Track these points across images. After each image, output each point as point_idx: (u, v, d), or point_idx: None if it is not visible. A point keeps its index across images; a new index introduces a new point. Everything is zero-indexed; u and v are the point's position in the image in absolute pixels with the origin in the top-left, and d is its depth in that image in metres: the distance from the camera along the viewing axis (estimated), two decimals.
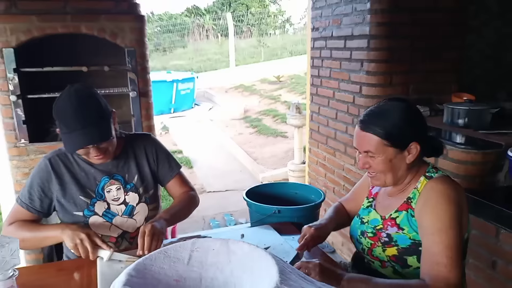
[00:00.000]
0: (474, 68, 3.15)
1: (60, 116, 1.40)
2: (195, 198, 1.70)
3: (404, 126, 1.20)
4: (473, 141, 2.02)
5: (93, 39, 2.49)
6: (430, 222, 1.13)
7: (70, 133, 1.38)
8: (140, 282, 0.93)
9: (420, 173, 1.25)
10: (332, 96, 3.00)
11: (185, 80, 9.54)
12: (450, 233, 1.10)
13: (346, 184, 2.92)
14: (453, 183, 1.20)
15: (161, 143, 1.74)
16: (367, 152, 1.23)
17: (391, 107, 1.23)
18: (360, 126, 1.23)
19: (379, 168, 1.22)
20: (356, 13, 2.60)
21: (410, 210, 1.22)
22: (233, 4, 23.52)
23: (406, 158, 1.21)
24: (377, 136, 1.19)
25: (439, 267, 1.07)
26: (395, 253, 1.23)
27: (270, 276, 0.89)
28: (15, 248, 0.86)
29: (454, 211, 1.12)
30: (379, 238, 1.27)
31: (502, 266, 1.72)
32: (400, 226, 1.23)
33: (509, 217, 1.68)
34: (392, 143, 1.19)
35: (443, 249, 1.08)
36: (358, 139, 1.24)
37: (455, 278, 1.07)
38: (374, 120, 1.21)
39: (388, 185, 1.27)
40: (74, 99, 1.39)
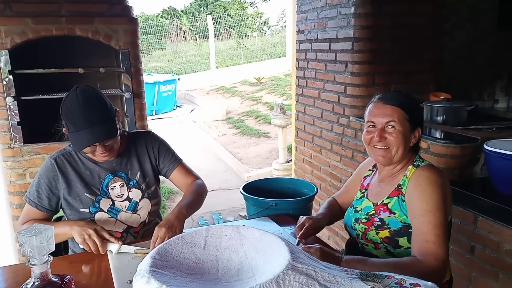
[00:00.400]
0: (448, 68, 3.34)
1: (68, 116, 1.46)
2: (203, 186, 1.75)
3: (418, 108, 1.39)
4: (451, 136, 2.18)
5: (84, 41, 2.54)
6: (420, 205, 1.26)
7: (77, 131, 1.44)
8: (164, 264, 1.01)
9: (409, 163, 1.39)
10: (317, 96, 3.13)
11: (167, 82, 9.54)
12: (437, 214, 1.23)
13: (333, 180, 3.05)
14: (438, 171, 1.35)
15: (162, 139, 1.80)
16: (388, 123, 1.33)
17: (405, 93, 1.40)
18: (383, 101, 1.35)
19: (395, 139, 1.32)
20: (340, 17, 2.74)
21: (401, 195, 1.35)
22: (211, 6, 23.53)
23: (411, 140, 1.36)
24: (400, 108, 1.32)
25: (429, 244, 1.20)
26: (387, 235, 1.35)
27: (282, 255, 0.99)
28: (51, 235, 0.92)
29: (440, 195, 1.26)
30: (372, 223, 1.39)
31: (480, 251, 1.87)
32: (392, 211, 1.36)
33: (486, 205, 1.83)
34: (410, 118, 1.33)
35: (432, 228, 1.21)
36: (380, 111, 1.34)
37: (443, 253, 1.20)
38: (395, 97, 1.36)
39: (393, 161, 1.37)
40: (81, 99, 1.45)
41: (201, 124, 8.24)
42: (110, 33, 2.49)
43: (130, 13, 2.59)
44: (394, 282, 0.99)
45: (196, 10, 23.27)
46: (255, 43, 17.45)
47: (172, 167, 1.75)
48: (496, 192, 1.88)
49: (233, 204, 4.39)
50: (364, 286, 0.96)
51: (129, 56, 2.56)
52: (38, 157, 2.49)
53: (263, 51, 15.87)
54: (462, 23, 3.34)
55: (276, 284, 0.89)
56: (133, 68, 2.60)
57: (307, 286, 0.91)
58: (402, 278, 1.00)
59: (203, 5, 23.83)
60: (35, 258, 0.91)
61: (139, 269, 0.98)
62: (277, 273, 0.91)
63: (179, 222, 1.47)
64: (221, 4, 23.61)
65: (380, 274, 1.02)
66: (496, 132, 2.15)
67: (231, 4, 23.68)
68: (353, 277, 0.99)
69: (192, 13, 22.43)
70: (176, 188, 4.76)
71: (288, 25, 10.84)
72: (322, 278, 0.94)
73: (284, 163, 4.83)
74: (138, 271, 0.97)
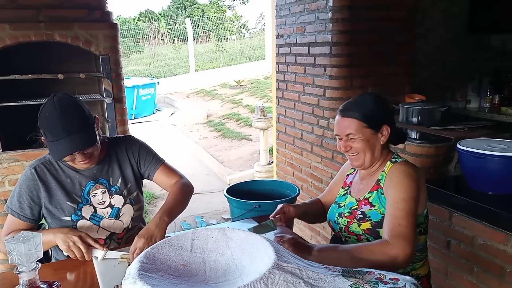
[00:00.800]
0: (423, 71, 3.46)
1: (46, 125, 1.44)
2: (187, 185, 1.74)
3: (377, 110, 1.43)
4: (426, 136, 2.27)
5: (61, 46, 2.52)
6: (395, 193, 1.34)
7: (56, 141, 1.42)
8: (152, 267, 1.03)
9: (387, 159, 1.47)
10: (297, 99, 3.19)
11: (146, 85, 9.47)
12: (411, 204, 1.31)
13: (314, 181, 3.11)
14: (413, 165, 1.44)
15: (142, 141, 1.78)
16: (348, 135, 1.42)
17: (365, 97, 1.49)
18: (341, 114, 1.45)
19: (359, 147, 1.42)
20: (318, 22, 2.80)
21: (380, 189, 1.43)
22: (189, 9, 23.46)
23: (380, 139, 1.43)
24: (356, 119, 1.40)
25: (401, 228, 1.26)
26: (369, 227, 1.42)
27: (268, 255, 1.03)
28: (39, 242, 0.93)
29: (414, 187, 1.34)
30: (354, 216, 1.46)
31: (455, 246, 1.95)
32: (372, 204, 1.44)
33: (460, 202, 1.92)
34: (368, 124, 1.41)
35: (405, 214, 1.28)
36: (340, 125, 1.45)
37: (412, 238, 1.25)
38: (352, 107, 1.43)
39: (366, 165, 1.46)
40: (58, 108, 1.43)
41: (181, 128, 8.22)
42: (90, 39, 2.48)
43: (110, 18, 2.59)
44: (375, 278, 1.03)
45: (174, 13, 23.14)
46: (234, 46, 17.48)
47: (154, 168, 1.73)
48: (469, 189, 1.97)
49: (216, 207, 4.40)
50: (346, 282, 1.00)
51: (109, 61, 2.55)
52: (17, 165, 2.45)
53: (243, 54, 15.92)
54: (435, 27, 3.47)
55: (263, 283, 0.92)
56: (114, 73, 2.59)
57: (293, 284, 0.95)
58: (382, 274, 1.05)
59: (181, 8, 23.73)
60: (23, 265, 0.92)
61: (127, 273, 1.00)
62: (263, 272, 0.94)
63: (160, 231, 1.47)
64: (199, 7, 23.56)
65: (361, 270, 1.07)
66: (468, 132, 2.25)
67: (209, 7, 23.66)
68: (335, 274, 1.03)
69: (170, 16, 22.31)
70: (157, 192, 4.75)
71: (267, 28, 10.93)
72: (306, 276, 0.98)
73: (266, 165, 4.88)
74: (126, 275, 0.99)
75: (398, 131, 1.52)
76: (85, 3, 2.48)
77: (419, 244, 1.46)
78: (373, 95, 1.49)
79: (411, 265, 1.46)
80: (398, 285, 0.99)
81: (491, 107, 3.74)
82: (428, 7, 3.37)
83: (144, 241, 1.41)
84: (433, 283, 1.96)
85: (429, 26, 3.43)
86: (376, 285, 1.00)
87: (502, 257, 1.73)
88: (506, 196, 1.87)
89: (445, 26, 3.53)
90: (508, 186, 1.87)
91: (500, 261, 1.74)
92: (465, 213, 1.87)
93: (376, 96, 1.48)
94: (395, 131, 1.47)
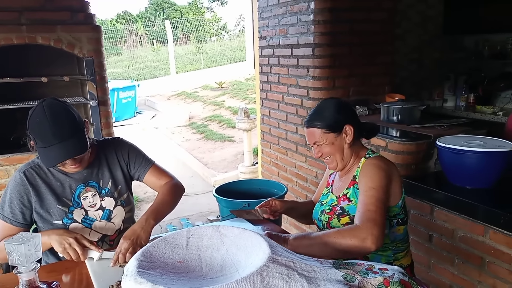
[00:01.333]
0: (402, 71, 3.57)
1: (36, 132, 1.42)
2: (177, 185, 1.75)
3: (335, 114, 1.53)
4: (407, 134, 2.35)
5: (43, 49, 2.49)
6: (365, 182, 1.43)
7: (47, 147, 1.41)
8: (149, 265, 1.05)
9: (361, 156, 1.56)
10: (281, 100, 3.24)
11: (126, 88, 9.36)
12: (380, 192, 1.39)
13: (299, 180, 3.16)
14: (385, 159, 1.53)
15: (131, 143, 1.79)
16: (315, 143, 1.55)
17: (323, 104, 1.59)
18: (306, 125, 1.58)
19: (327, 151, 1.54)
20: (301, 24, 2.86)
21: (356, 184, 1.52)
22: (167, 11, 23.31)
23: (345, 139, 1.53)
24: (317, 128, 1.52)
25: (370, 213, 1.32)
26: (348, 221, 1.49)
27: (262, 250, 1.06)
28: (38, 242, 0.94)
29: (384, 177, 1.43)
30: (334, 212, 1.54)
31: (437, 239, 2.03)
32: (350, 199, 1.52)
33: (440, 197, 2.00)
34: (329, 130, 1.51)
35: (375, 201, 1.36)
36: (307, 135, 1.59)
37: (381, 222, 1.31)
38: (313, 118, 1.55)
39: (340, 166, 1.56)
40: (48, 114, 1.41)
41: (163, 130, 8.17)
42: (73, 41, 2.47)
43: (93, 21, 2.58)
44: (365, 268, 1.08)
45: (152, 15, 22.95)
46: (214, 47, 17.47)
47: (144, 170, 1.74)
48: (449, 184, 2.05)
49: (201, 209, 4.41)
50: (338, 272, 1.05)
51: (93, 64, 2.54)
52: (0, 169, 2.41)
53: (223, 56, 15.93)
54: (412, 29, 3.58)
55: (260, 276, 0.96)
56: (98, 76, 2.59)
57: (288, 276, 0.98)
58: (371, 264, 1.10)
59: (159, 9, 23.56)
60: (23, 266, 0.93)
61: (126, 270, 1.02)
62: (259, 266, 0.98)
63: (145, 233, 1.47)
64: (178, 9, 23.44)
65: (351, 262, 1.12)
66: (446, 129, 2.34)
67: (188, 9, 23.58)
68: (327, 266, 1.08)
69: (148, 18, 22.11)
70: (141, 195, 4.72)
71: (247, 30, 10.98)
72: (300, 268, 1.02)
73: (250, 166, 4.91)
74: (125, 272, 1.01)
75: (366, 126, 1.64)
76: (68, 6, 2.47)
77: (399, 234, 1.53)
78: (330, 100, 1.61)
79: (393, 256, 1.53)
80: (387, 274, 1.04)
81: (467, 106, 3.89)
82: (405, 9, 3.48)
83: (130, 243, 1.42)
84: (417, 275, 2.03)
85: (406, 28, 3.54)
86: (366, 275, 1.05)
87: (481, 248, 1.82)
88: (484, 190, 1.96)
89: (421, 28, 3.64)
90: (485, 180, 1.96)
91: (479, 252, 1.83)
92: (446, 207, 1.95)
93: (333, 101, 1.59)
94: (359, 128, 1.57)
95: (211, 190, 4.79)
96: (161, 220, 1.58)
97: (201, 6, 24.37)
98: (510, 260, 1.70)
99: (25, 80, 2.48)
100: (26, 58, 2.59)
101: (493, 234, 1.76)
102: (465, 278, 1.91)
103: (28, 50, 2.55)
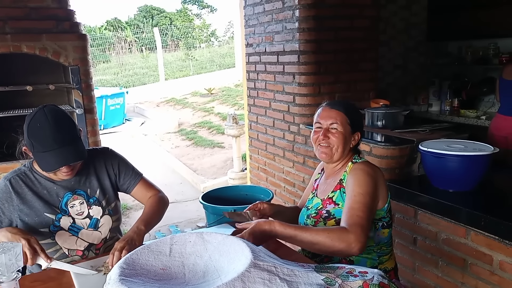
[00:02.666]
0: (387, 76, 3.63)
1: (36, 136, 1.43)
2: (164, 199, 1.78)
3: (358, 114, 1.61)
4: (391, 139, 2.38)
5: (27, 57, 2.49)
6: (353, 188, 1.44)
7: (46, 152, 1.43)
8: (132, 272, 1.06)
9: (349, 160, 1.59)
10: (268, 106, 3.27)
11: (114, 95, 9.33)
12: (367, 198, 1.41)
13: (287, 186, 3.18)
14: (371, 164, 1.56)
15: (120, 155, 1.81)
16: (331, 125, 1.54)
17: (348, 102, 1.65)
18: (329, 105, 1.58)
19: (336, 139, 1.53)
20: (286, 31, 2.90)
21: (342, 188, 1.53)
22: (156, 17, 23.31)
23: (351, 141, 1.57)
24: (343, 113, 1.55)
25: (357, 218, 1.35)
26: (333, 224, 1.51)
27: (245, 255, 1.08)
28: (19, 251, 0.94)
29: (371, 183, 1.45)
30: (320, 215, 1.56)
31: (421, 242, 2.06)
32: (336, 202, 1.54)
33: (424, 200, 2.03)
34: (351, 122, 1.55)
35: (361, 206, 1.38)
36: (326, 113, 1.56)
37: (368, 228, 1.35)
38: (339, 104, 1.59)
39: (334, 158, 1.57)
40: (51, 119, 1.43)
41: (152, 137, 8.14)
42: (58, 50, 2.47)
43: (79, 29, 2.58)
44: (345, 272, 1.10)
45: (140, 22, 22.93)
46: (203, 54, 17.49)
47: (134, 183, 1.76)
48: (432, 187, 2.08)
49: (190, 216, 4.40)
50: (319, 276, 1.06)
51: (79, 72, 2.54)
52: None
53: (212, 62, 15.96)
54: (397, 35, 3.65)
55: (241, 281, 0.97)
56: (84, 84, 2.59)
57: (269, 281, 1.00)
58: (351, 268, 1.12)
59: (148, 16, 23.55)
60: (3, 276, 0.93)
61: (108, 278, 1.02)
62: (241, 271, 0.99)
63: (139, 237, 1.50)
64: (167, 16, 23.46)
65: (333, 266, 1.14)
66: (429, 134, 2.39)
67: (177, 15, 23.61)
68: (309, 270, 1.10)
69: (137, 25, 22.08)
70: (130, 203, 4.69)
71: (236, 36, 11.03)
72: (282, 273, 1.04)
73: (239, 172, 4.92)
74: (107, 281, 1.01)
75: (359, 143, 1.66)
76: (53, 15, 2.47)
77: (383, 237, 1.55)
78: (355, 105, 1.65)
79: (378, 259, 1.55)
80: (367, 277, 1.06)
81: (451, 110, 3.96)
82: (390, 16, 3.55)
83: (124, 242, 1.43)
84: (402, 278, 2.06)
85: (391, 34, 3.61)
86: (346, 278, 1.07)
87: (463, 250, 1.85)
88: (465, 193, 2.00)
89: (406, 34, 3.72)
90: (466, 183, 2.00)
91: (462, 254, 1.86)
92: (429, 210, 1.99)
93: (357, 107, 1.64)
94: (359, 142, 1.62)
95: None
96: (150, 229, 1.59)
97: (190, 13, 24.42)
98: (491, 261, 1.73)
99: (10, 89, 2.47)
100: (11, 67, 2.58)
101: (475, 236, 1.79)
102: (449, 279, 1.94)
103: (13, 58, 2.54)
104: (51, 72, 2.66)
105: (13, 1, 2.38)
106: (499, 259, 1.70)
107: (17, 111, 2.47)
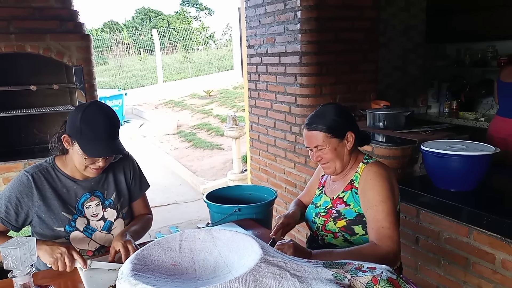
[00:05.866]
0: (386, 78, 3.65)
1: (91, 123, 1.47)
2: (150, 221, 1.82)
3: (339, 119, 1.52)
4: (392, 139, 2.40)
5: (30, 58, 2.49)
6: (372, 196, 1.43)
7: (96, 140, 1.48)
8: (143, 268, 1.07)
9: (359, 161, 1.57)
10: (270, 107, 3.28)
11: (113, 97, 9.31)
12: (389, 203, 1.41)
13: (288, 186, 3.20)
14: (385, 166, 1.55)
15: (137, 162, 1.82)
16: (316, 147, 1.53)
17: (326, 109, 1.57)
18: (307, 128, 1.54)
19: (329, 157, 1.52)
20: (288, 33, 2.92)
21: (354, 189, 1.53)
22: (154, 20, 23.32)
23: (346, 145, 1.53)
24: (321, 131, 1.50)
25: (385, 230, 1.36)
26: (344, 224, 1.51)
27: (255, 251, 1.09)
28: (33, 246, 0.95)
29: (388, 186, 1.44)
30: (330, 215, 1.55)
31: (423, 241, 2.08)
32: (347, 203, 1.53)
33: (426, 200, 2.05)
34: (333, 135, 1.51)
35: (386, 216, 1.39)
36: (308, 138, 1.55)
37: (397, 236, 1.37)
38: (316, 121, 1.53)
39: (338, 171, 1.56)
40: (104, 112, 1.51)
41: (151, 139, 8.14)
42: (62, 50, 2.47)
43: (82, 30, 2.59)
44: (354, 267, 1.12)
45: (138, 24, 22.93)
46: (201, 56, 17.51)
47: (140, 193, 1.79)
48: (434, 187, 2.11)
49: (191, 217, 4.40)
50: (328, 272, 1.08)
51: (82, 72, 2.55)
52: None
53: (211, 65, 15.98)
54: (396, 37, 3.68)
55: (252, 276, 0.98)
56: (87, 84, 2.59)
57: (280, 275, 1.01)
58: (360, 263, 1.13)
59: (146, 19, 23.56)
60: (18, 270, 0.94)
61: (120, 273, 1.03)
62: (252, 266, 1.00)
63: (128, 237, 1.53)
64: (165, 18, 23.47)
65: (341, 262, 1.15)
66: (430, 134, 2.41)
67: (175, 18, 23.63)
68: (318, 265, 1.11)
69: (135, 27, 22.08)
70: None
71: (235, 39, 11.05)
72: (291, 268, 1.05)
73: (239, 173, 4.93)
74: (120, 275, 1.02)
75: (362, 134, 1.63)
76: (56, 15, 2.48)
77: None
78: (333, 105, 1.58)
79: None
80: (375, 272, 1.08)
81: (450, 112, 4.00)
82: (389, 18, 3.57)
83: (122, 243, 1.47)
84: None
85: (390, 36, 3.63)
86: (355, 274, 1.08)
87: (466, 249, 1.87)
88: (467, 192, 2.02)
89: (405, 36, 3.74)
90: (468, 183, 2.02)
91: (464, 253, 1.88)
92: (431, 210, 2.01)
93: (336, 106, 1.57)
94: (358, 135, 1.58)
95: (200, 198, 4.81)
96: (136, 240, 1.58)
97: (188, 15, 24.45)
98: (494, 260, 1.75)
99: (13, 89, 2.48)
100: (14, 67, 2.59)
101: (477, 235, 1.81)
102: (451, 278, 1.96)
103: (16, 58, 2.55)
104: (54, 72, 2.67)
105: (17, 1, 2.38)
106: (502, 257, 1.72)
107: (20, 111, 2.47)
